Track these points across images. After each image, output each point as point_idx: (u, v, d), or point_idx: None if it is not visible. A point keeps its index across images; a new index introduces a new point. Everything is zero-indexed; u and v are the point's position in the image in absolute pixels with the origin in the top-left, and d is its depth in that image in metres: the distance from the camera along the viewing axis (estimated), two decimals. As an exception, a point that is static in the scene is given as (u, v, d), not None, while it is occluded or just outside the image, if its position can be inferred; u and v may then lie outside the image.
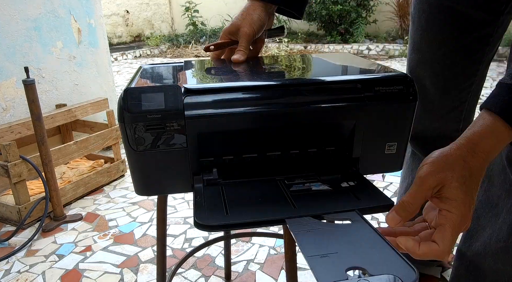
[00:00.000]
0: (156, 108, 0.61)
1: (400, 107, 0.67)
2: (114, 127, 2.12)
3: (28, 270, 1.47)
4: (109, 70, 2.64)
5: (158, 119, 0.61)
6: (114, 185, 2.13)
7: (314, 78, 0.72)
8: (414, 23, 0.96)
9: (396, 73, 0.69)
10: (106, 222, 1.78)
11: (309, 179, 0.68)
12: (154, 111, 0.61)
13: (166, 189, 0.69)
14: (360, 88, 0.66)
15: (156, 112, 0.61)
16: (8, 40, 1.98)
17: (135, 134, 0.62)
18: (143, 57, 6.84)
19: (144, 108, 0.61)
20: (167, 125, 0.62)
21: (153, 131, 0.62)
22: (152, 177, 0.67)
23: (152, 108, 0.61)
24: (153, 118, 0.61)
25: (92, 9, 2.45)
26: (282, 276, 1.38)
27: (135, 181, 0.69)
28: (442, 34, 0.90)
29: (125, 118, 0.61)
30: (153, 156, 0.64)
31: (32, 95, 1.59)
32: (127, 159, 0.66)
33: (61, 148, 1.88)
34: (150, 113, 0.61)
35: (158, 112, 0.61)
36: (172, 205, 1.89)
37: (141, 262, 1.49)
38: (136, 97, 0.61)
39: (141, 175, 0.67)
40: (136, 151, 0.64)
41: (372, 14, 6.36)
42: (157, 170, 0.66)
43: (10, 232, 1.69)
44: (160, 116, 0.61)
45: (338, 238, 0.50)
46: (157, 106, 0.61)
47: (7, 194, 1.85)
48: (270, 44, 6.30)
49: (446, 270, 1.36)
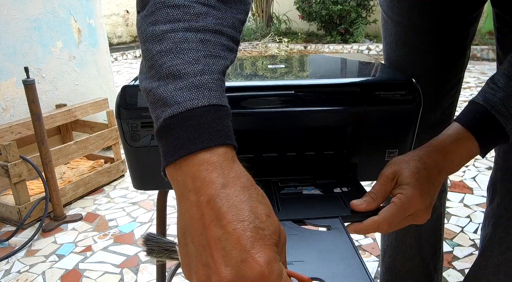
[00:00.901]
0: None
1: (402, 113, 0.64)
2: (114, 127, 2.12)
3: (28, 270, 1.47)
4: (109, 70, 2.64)
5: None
6: (114, 185, 2.13)
7: (313, 80, 0.70)
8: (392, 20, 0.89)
9: (400, 78, 0.67)
10: (106, 222, 1.78)
11: (303, 183, 0.66)
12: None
13: (161, 185, 0.70)
14: (360, 92, 0.64)
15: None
16: (8, 40, 1.98)
17: (131, 131, 0.64)
18: (143, 57, 6.84)
19: (140, 105, 0.62)
20: None
21: (148, 128, 0.63)
22: (148, 172, 0.68)
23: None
24: (148, 115, 0.62)
25: (92, 9, 2.45)
26: (282, 276, 1.38)
27: (132, 175, 0.70)
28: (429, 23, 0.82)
29: (121, 115, 0.63)
30: (148, 152, 0.65)
31: (32, 95, 1.59)
32: (125, 154, 0.68)
33: (61, 148, 1.88)
34: (145, 111, 0.62)
35: None
36: (172, 205, 1.89)
37: (141, 262, 1.49)
38: (133, 95, 0.63)
39: (137, 170, 0.69)
40: (132, 147, 0.65)
41: (372, 14, 6.36)
42: (152, 166, 0.67)
43: (10, 232, 1.69)
44: None
45: (310, 245, 0.49)
46: None
47: (7, 194, 1.85)
48: (270, 44, 6.30)
49: (446, 270, 1.36)
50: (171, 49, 0.36)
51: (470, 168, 2.08)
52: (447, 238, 1.53)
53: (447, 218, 1.66)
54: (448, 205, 1.75)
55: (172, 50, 0.36)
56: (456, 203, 1.77)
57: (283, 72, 0.80)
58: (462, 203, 1.76)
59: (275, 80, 0.68)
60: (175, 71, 0.36)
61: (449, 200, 1.79)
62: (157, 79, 0.36)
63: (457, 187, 1.90)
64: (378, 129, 0.65)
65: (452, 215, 1.68)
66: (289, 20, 7.22)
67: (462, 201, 1.78)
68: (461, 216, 1.67)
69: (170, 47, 0.37)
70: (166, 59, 0.36)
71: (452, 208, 1.72)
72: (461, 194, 1.84)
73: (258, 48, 6.30)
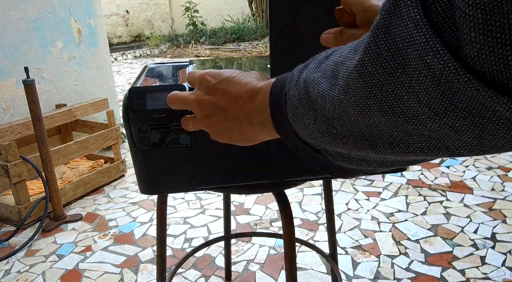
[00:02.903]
0: (161, 107, 0.61)
1: None
2: (114, 127, 2.12)
3: (28, 270, 1.47)
4: (109, 70, 2.64)
5: (163, 119, 0.62)
6: (114, 185, 2.13)
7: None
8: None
9: None
10: (106, 222, 1.78)
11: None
12: (159, 110, 0.61)
13: (169, 188, 0.70)
14: None
15: (160, 112, 0.61)
16: (8, 40, 1.98)
17: (140, 134, 0.63)
18: (143, 57, 6.84)
19: (149, 108, 0.61)
20: (172, 125, 0.62)
21: (157, 131, 0.62)
22: (156, 176, 0.67)
23: (157, 107, 0.61)
24: (157, 118, 0.61)
25: (92, 9, 2.45)
26: (282, 276, 1.38)
27: (139, 180, 0.69)
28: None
29: (129, 118, 0.62)
30: (157, 155, 0.64)
31: (32, 95, 1.59)
32: (132, 158, 0.67)
33: (61, 148, 1.88)
34: (154, 113, 0.61)
35: (163, 111, 0.61)
36: (172, 205, 1.89)
37: (141, 262, 1.49)
38: (141, 97, 0.62)
39: (145, 174, 0.68)
40: (141, 150, 0.64)
41: (372, 14, 6.36)
42: (161, 169, 0.66)
43: (10, 232, 1.69)
44: (165, 116, 0.61)
45: None
46: (162, 106, 0.61)
47: (7, 194, 1.85)
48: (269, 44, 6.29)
49: (446, 270, 1.36)
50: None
51: (470, 168, 2.08)
52: (447, 238, 1.53)
53: (447, 218, 1.66)
54: (448, 205, 1.75)
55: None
56: (456, 203, 1.77)
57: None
58: (462, 203, 1.76)
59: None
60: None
61: (449, 200, 1.79)
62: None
63: (457, 187, 1.90)
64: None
65: (452, 215, 1.68)
66: (289, 20, 7.21)
67: (462, 201, 1.78)
68: (461, 216, 1.67)
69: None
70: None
71: (452, 208, 1.72)
72: (461, 194, 1.84)
73: (258, 48, 6.30)
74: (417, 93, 0.24)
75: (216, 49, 6.64)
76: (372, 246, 1.52)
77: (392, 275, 1.36)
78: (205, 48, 6.71)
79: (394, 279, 1.34)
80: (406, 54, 0.24)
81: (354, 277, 1.36)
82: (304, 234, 1.62)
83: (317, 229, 1.64)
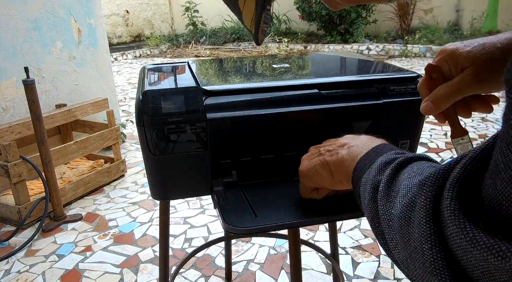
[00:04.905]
0: (177, 110, 0.59)
1: (414, 105, 0.67)
2: (114, 127, 2.12)
3: (28, 270, 1.47)
4: (109, 70, 2.64)
5: (180, 122, 0.60)
6: (114, 185, 2.13)
7: (331, 78, 0.71)
8: None
9: (410, 73, 0.71)
10: (106, 222, 1.78)
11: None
12: (175, 113, 0.60)
13: (184, 193, 0.68)
14: (376, 88, 0.68)
15: (177, 115, 0.60)
16: (8, 40, 1.98)
17: (156, 138, 0.60)
18: (143, 57, 6.84)
19: (164, 111, 0.59)
20: (188, 128, 0.61)
21: (174, 135, 0.60)
22: (171, 182, 0.65)
23: (173, 110, 0.60)
24: (174, 121, 0.60)
25: (92, 9, 2.45)
26: (282, 276, 1.38)
27: (152, 185, 0.67)
28: None
29: (144, 122, 0.59)
30: (173, 160, 0.62)
31: (32, 95, 1.59)
32: (145, 163, 0.64)
33: (61, 148, 1.88)
34: (171, 116, 0.59)
35: (179, 114, 0.60)
36: (172, 205, 1.89)
37: (141, 262, 1.49)
38: (155, 100, 0.60)
39: (160, 180, 0.65)
40: (156, 155, 0.61)
41: (372, 14, 6.36)
42: (176, 174, 0.64)
43: (10, 232, 1.69)
44: (182, 119, 0.60)
45: None
46: (178, 109, 0.59)
47: (7, 194, 1.85)
48: (270, 44, 6.30)
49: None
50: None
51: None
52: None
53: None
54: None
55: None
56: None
57: (300, 72, 0.81)
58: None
59: (296, 80, 0.69)
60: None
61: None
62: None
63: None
64: (392, 121, 0.70)
65: (452, 215, 1.68)
66: (289, 20, 7.22)
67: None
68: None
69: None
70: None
71: (452, 208, 1.72)
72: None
73: (258, 48, 6.30)
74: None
75: (216, 49, 6.64)
76: (372, 246, 1.52)
77: (392, 275, 1.36)
78: (205, 48, 6.71)
79: (394, 279, 1.34)
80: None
81: (354, 277, 1.36)
82: (304, 234, 1.62)
83: (317, 229, 1.64)
